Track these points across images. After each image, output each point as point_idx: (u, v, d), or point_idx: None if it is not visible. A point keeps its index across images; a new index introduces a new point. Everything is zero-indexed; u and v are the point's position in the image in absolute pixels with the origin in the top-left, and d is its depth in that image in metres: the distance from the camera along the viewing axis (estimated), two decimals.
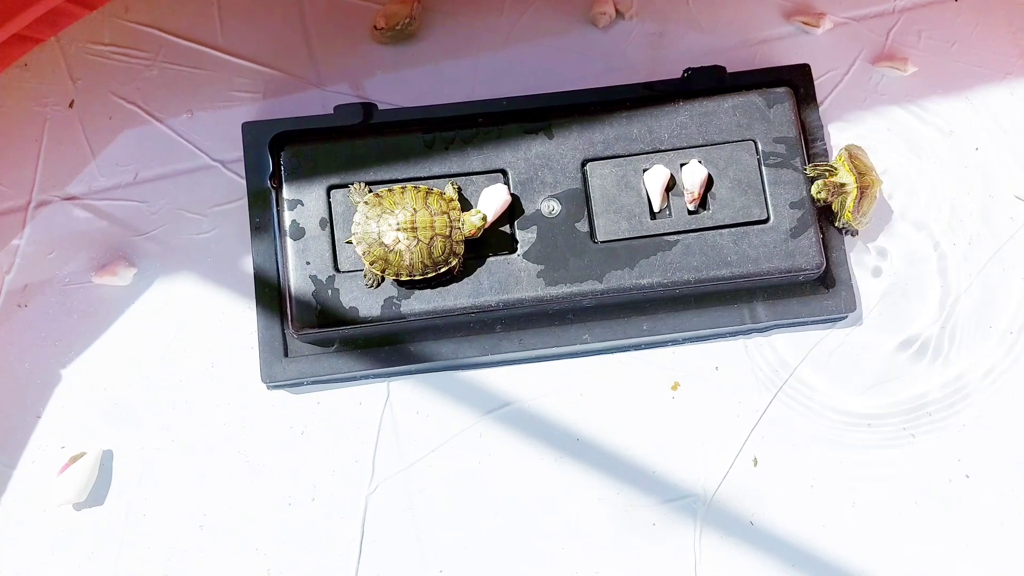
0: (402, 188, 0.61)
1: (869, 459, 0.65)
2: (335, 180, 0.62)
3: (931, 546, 0.64)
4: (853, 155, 0.65)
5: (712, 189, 0.63)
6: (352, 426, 0.65)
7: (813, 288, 0.65)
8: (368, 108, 0.65)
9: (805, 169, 0.64)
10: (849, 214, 0.64)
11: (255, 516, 0.64)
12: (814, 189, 0.63)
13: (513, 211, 0.62)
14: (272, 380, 0.63)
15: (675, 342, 0.66)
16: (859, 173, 0.64)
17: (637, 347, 0.66)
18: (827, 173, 0.64)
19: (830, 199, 0.63)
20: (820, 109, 0.69)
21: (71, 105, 0.68)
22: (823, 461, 0.65)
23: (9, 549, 0.63)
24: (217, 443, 0.64)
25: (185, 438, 0.64)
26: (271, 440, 0.65)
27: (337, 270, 0.61)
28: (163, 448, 0.64)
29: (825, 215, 0.65)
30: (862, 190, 0.64)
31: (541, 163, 0.63)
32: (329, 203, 0.62)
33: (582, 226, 0.63)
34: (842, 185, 0.64)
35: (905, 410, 0.66)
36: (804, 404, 0.66)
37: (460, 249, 0.60)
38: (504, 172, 0.63)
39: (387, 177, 0.62)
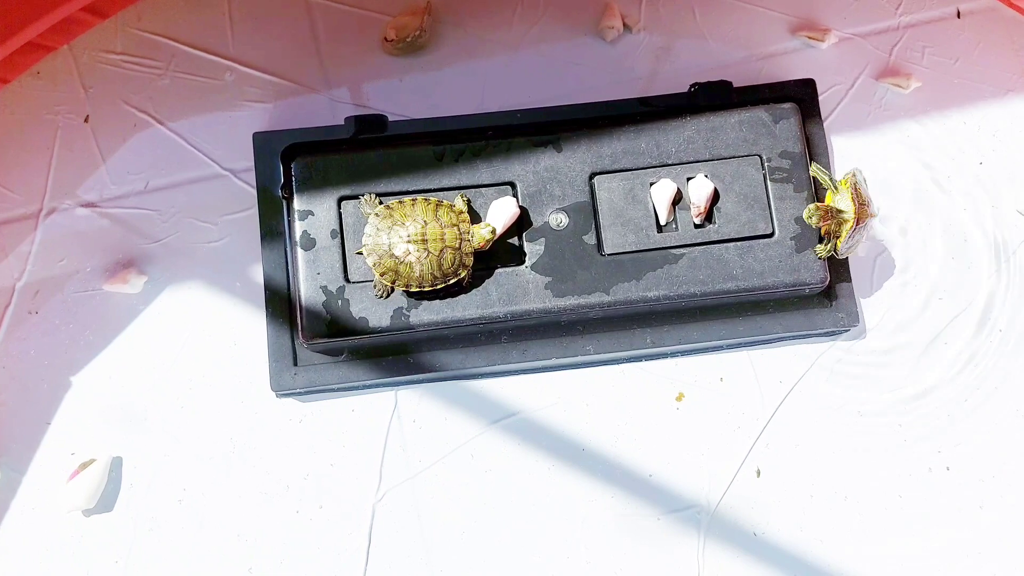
0: (412, 200, 0.62)
1: (864, 456, 0.66)
2: (346, 191, 0.63)
3: (936, 548, 0.65)
4: (858, 184, 0.63)
5: (718, 203, 0.64)
6: (360, 435, 0.65)
7: (817, 301, 0.66)
8: (378, 119, 0.66)
9: (809, 171, 0.63)
10: (840, 242, 0.62)
11: (263, 523, 0.64)
12: (806, 214, 0.62)
13: (521, 223, 0.63)
14: (281, 388, 0.63)
15: (680, 353, 0.67)
16: (859, 204, 0.62)
17: (642, 358, 0.67)
18: (828, 186, 0.64)
19: (822, 224, 0.62)
20: (825, 124, 0.70)
21: (86, 120, 0.68)
22: (826, 472, 0.66)
23: (19, 555, 0.63)
24: (226, 450, 0.65)
25: (194, 445, 0.65)
26: (279, 448, 0.65)
27: (347, 280, 0.62)
28: (172, 455, 0.65)
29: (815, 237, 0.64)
30: (859, 220, 0.62)
31: (549, 176, 0.64)
32: (340, 214, 0.62)
33: (589, 239, 0.63)
34: (840, 211, 0.62)
35: (897, 409, 0.67)
36: (807, 416, 0.67)
37: (469, 261, 0.61)
38: (513, 185, 0.64)
39: (397, 189, 0.63)
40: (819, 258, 0.63)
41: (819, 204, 0.62)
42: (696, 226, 0.64)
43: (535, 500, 0.65)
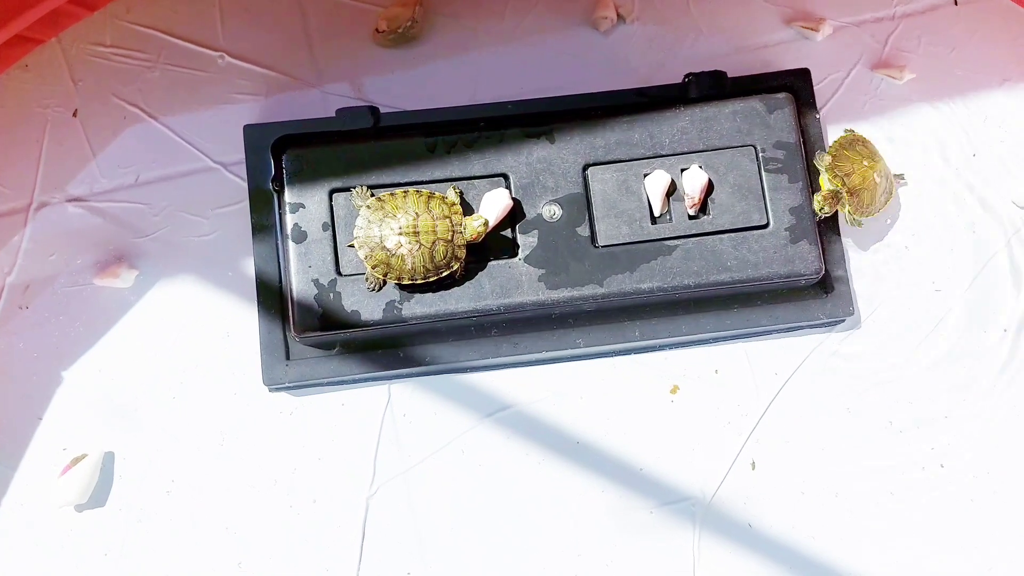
0: (404, 192, 0.61)
1: (857, 451, 0.66)
2: (337, 183, 0.62)
3: (930, 544, 0.65)
4: (836, 156, 0.65)
5: (712, 194, 0.64)
6: (353, 429, 0.65)
7: (812, 292, 0.66)
8: (370, 111, 0.65)
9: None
10: (854, 216, 0.65)
11: (256, 518, 0.64)
12: (816, 205, 0.64)
13: (515, 215, 0.63)
14: (273, 383, 0.63)
15: (674, 346, 0.67)
16: (843, 174, 0.64)
17: (637, 351, 0.67)
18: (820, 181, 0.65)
19: (833, 208, 0.64)
20: (820, 114, 0.69)
21: (75, 114, 0.68)
22: (820, 464, 0.66)
23: (11, 551, 0.63)
24: (218, 445, 0.65)
25: (186, 440, 0.65)
26: (272, 443, 0.65)
27: (339, 273, 0.61)
28: (164, 450, 0.64)
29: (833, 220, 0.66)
30: (851, 191, 0.64)
31: (543, 167, 0.63)
32: (331, 206, 0.62)
33: (583, 230, 0.63)
34: (835, 193, 0.64)
35: (891, 404, 0.67)
36: (802, 409, 0.67)
37: (462, 253, 0.60)
38: (506, 176, 0.63)
39: (389, 181, 0.62)
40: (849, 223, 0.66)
41: (823, 193, 0.64)
42: (690, 217, 0.63)
43: (530, 493, 0.65)
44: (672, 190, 0.63)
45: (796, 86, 0.68)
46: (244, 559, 0.63)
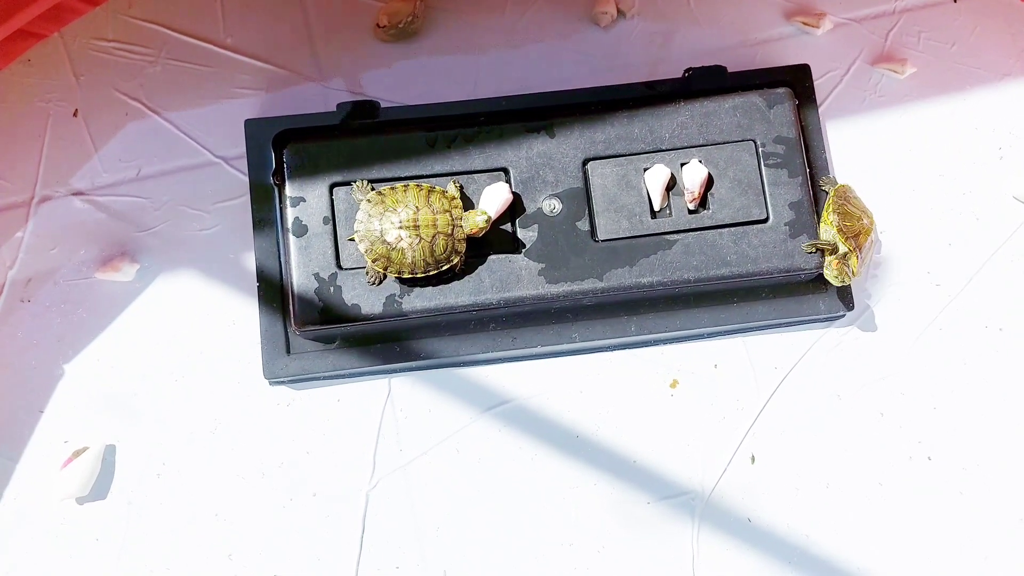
0: (404, 186, 0.61)
1: (855, 443, 0.66)
2: (338, 178, 0.62)
3: (937, 541, 0.65)
4: (842, 214, 0.64)
5: (712, 189, 0.64)
6: (353, 422, 0.65)
7: (811, 287, 0.66)
8: (371, 106, 0.65)
9: (804, 248, 0.63)
10: (856, 272, 0.63)
11: (256, 512, 0.64)
12: (832, 278, 0.62)
13: (514, 210, 0.63)
14: (274, 376, 0.63)
15: (674, 340, 0.67)
16: (852, 235, 0.63)
17: (636, 345, 0.67)
18: (825, 249, 0.63)
19: (845, 273, 0.62)
20: (820, 109, 0.69)
21: (75, 114, 0.68)
22: (819, 458, 0.66)
23: (12, 543, 0.63)
24: (219, 439, 0.65)
25: (187, 433, 0.65)
26: (272, 436, 0.65)
27: (339, 267, 0.61)
28: (165, 443, 0.65)
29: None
30: (859, 249, 0.63)
31: (543, 162, 0.64)
32: (332, 200, 0.62)
33: (583, 225, 0.63)
34: (844, 255, 0.63)
35: (882, 395, 0.67)
36: (802, 402, 0.67)
37: (462, 247, 0.61)
38: (506, 171, 0.63)
39: (389, 175, 0.63)
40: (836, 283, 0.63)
41: (836, 261, 0.62)
42: (690, 212, 0.63)
43: (529, 487, 0.65)
44: (672, 184, 0.64)
45: (796, 81, 0.68)
46: (233, 551, 0.63)
